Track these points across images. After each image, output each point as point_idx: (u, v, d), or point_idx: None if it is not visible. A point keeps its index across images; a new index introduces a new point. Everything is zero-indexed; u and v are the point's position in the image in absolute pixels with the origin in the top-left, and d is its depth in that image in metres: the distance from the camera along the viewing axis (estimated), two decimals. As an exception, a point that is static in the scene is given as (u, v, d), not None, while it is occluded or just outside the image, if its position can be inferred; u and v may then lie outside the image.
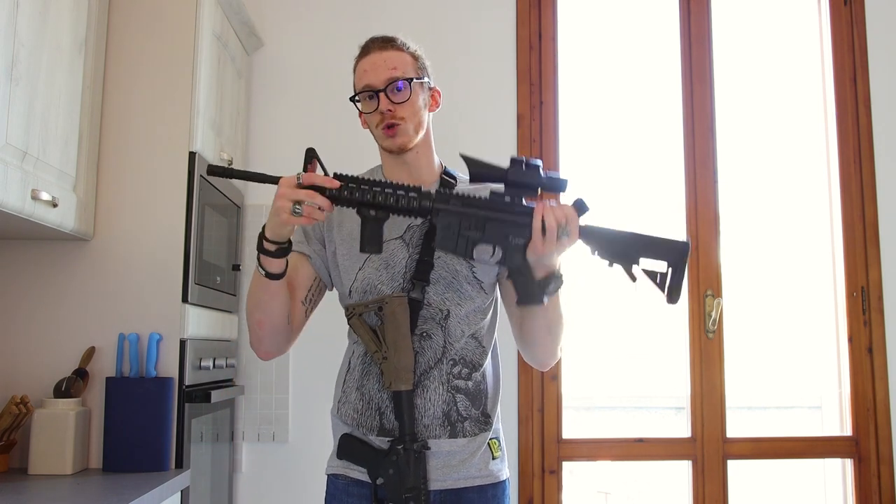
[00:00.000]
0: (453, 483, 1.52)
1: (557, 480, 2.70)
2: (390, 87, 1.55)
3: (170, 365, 2.05)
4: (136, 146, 2.12)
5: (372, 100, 1.56)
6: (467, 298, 1.56)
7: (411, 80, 1.57)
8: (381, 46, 1.59)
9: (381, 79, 1.55)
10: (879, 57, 2.89)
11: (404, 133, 1.56)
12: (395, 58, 1.58)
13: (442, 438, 1.51)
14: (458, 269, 1.55)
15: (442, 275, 1.55)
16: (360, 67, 1.59)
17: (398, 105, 1.55)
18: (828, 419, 2.98)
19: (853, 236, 2.84)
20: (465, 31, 2.86)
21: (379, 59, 1.57)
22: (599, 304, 2.95)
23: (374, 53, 1.58)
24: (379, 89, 1.55)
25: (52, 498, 1.69)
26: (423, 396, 1.52)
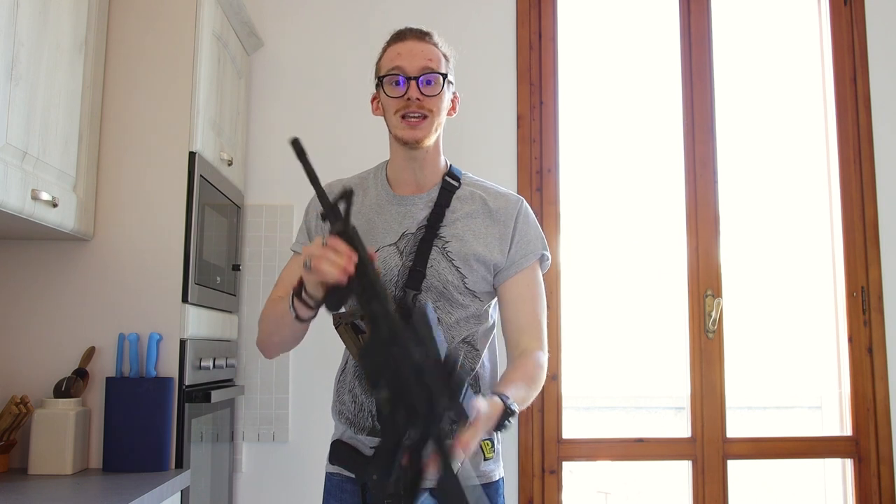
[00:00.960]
0: None
1: (557, 480, 2.70)
2: (423, 77, 1.51)
3: (170, 365, 2.05)
4: (136, 146, 2.12)
5: (399, 86, 1.52)
6: (459, 307, 1.54)
7: (445, 77, 1.54)
8: (418, 36, 1.56)
9: (416, 66, 1.52)
10: (879, 57, 2.89)
11: (426, 127, 1.53)
12: (431, 51, 1.55)
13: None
14: (449, 279, 1.53)
15: (433, 283, 1.53)
16: (393, 50, 1.55)
17: (428, 98, 1.52)
18: (828, 419, 2.98)
19: (853, 236, 2.84)
20: (465, 30, 2.86)
21: (416, 48, 1.54)
22: (599, 304, 2.95)
23: (411, 41, 1.55)
24: (412, 76, 1.51)
25: (52, 498, 1.69)
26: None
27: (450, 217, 1.56)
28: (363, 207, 1.60)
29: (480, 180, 1.67)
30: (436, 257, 1.53)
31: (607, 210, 2.98)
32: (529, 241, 1.59)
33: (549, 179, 2.80)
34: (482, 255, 1.54)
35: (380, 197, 1.61)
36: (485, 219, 1.58)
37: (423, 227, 1.55)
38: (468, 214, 1.58)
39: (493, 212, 1.59)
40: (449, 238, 1.55)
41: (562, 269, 2.79)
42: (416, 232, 1.55)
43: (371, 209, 1.60)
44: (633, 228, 2.97)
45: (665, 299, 2.89)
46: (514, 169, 2.78)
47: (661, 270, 2.92)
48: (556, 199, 2.80)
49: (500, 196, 1.63)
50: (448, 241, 1.54)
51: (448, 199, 1.58)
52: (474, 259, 1.54)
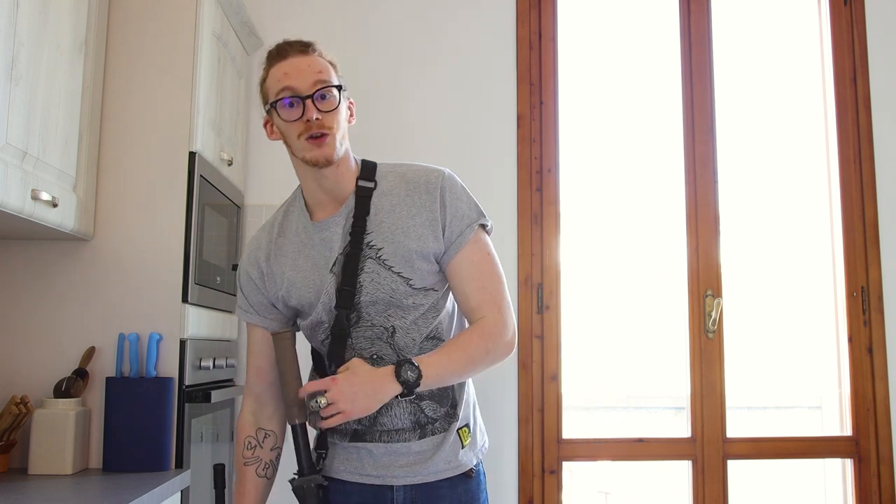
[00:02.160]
0: (424, 478, 1.51)
1: (557, 480, 2.70)
2: (317, 93, 1.43)
3: (170, 365, 2.05)
4: (136, 146, 2.12)
5: (293, 107, 1.43)
6: (412, 308, 1.49)
7: (340, 88, 1.46)
8: (301, 50, 1.47)
9: (307, 83, 1.43)
10: (879, 57, 2.89)
11: (331, 144, 1.45)
12: (319, 63, 1.46)
13: (412, 441, 1.50)
14: (395, 287, 1.48)
15: (378, 296, 1.47)
16: (279, 70, 1.45)
17: (326, 114, 1.44)
18: (828, 419, 2.98)
19: (853, 236, 2.84)
20: (464, 30, 2.86)
21: (302, 63, 1.45)
22: (599, 304, 2.95)
23: (295, 57, 1.45)
24: (305, 95, 1.43)
25: (52, 498, 1.69)
26: (389, 414, 1.49)
27: (374, 221, 1.49)
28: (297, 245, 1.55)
29: (398, 164, 1.58)
30: (373, 269, 1.48)
31: (607, 210, 2.98)
32: (462, 216, 1.50)
33: (549, 179, 2.80)
34: (419, 249, 1.48)
35: (305, 230, 1.55)
36: (409, 207, 1.50)
37: (347, 245, 1.49)
38: (392, 209, 1.50)
39: (416, 194, 1.50)
40: (380, 244, 1.48)
41: (562, 269, 2.79)
42: (342, 252, 1.50)
43: (304, 244, 1.54)
44: (634, 228, 2.97)
45: (665, 299, 2.89)
46: (514, 169, 2.78)
47: (661, 270, 2.92)
48: (556, 199, 2.80)
49: (419, 174, 1.53)
50: (380, 249, 1.48)
51: (366, 205, 1.50)
52: (415, 256, 1.48)
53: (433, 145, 2.79)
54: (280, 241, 1.58)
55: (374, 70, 2.81)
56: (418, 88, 2.83)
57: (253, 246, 1.62)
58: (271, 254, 1.57)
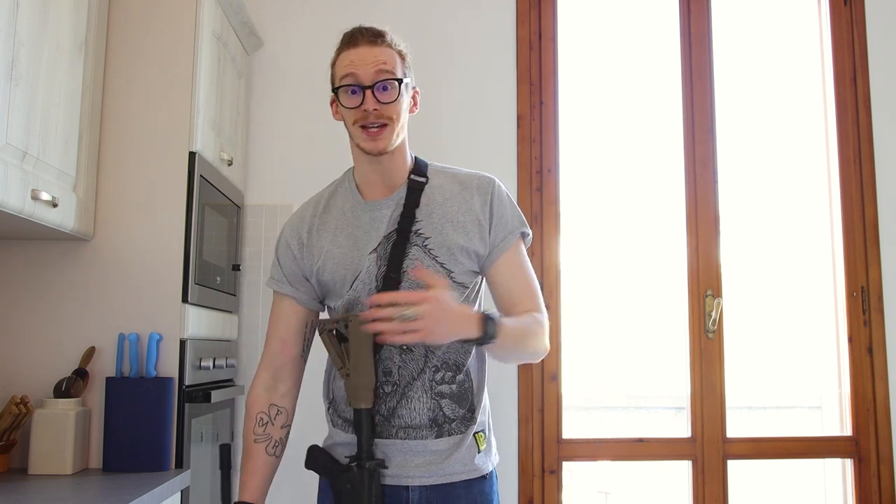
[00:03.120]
0: (439, 479, 1.51)
1: (557, 480, 2.70)
2: (378, 84, 1.48)
3: (170, 365, 2.05)
4: (136, 146, 2.12)
5: (355, 94, 1.48)
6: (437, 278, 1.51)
7: (401, 81, 1.50)
8: (370, 40, 1.51)
9: (370, 74, 1.48)
10: (879, 57, 2.89)
11: (387, 136, 1.49)
12: (385, 54, 1.50)
13: (429, 439, 1.51)
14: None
15: (420, 284, 1.47)
16: (346, 57, 1.51)
17: (385, 105, 1.48)
18: (828, 419, 2.98)
19: (853, 236, 2.84)
20: (464, 30, 2.86)
21: (368, 54, 1.49)
22: (599, 304, 2.95)
23: (364, 46, 1.50)
24: (367, 85, 1.47)
25: (52, 498, 1.69)
26: (408, 406, 1.50)
27: (424, 212, 1.53)
28: (341, 222, 1.58)
29: (449, 167, 1.64)
30: (418, 256, 1.51)
31: (607, 210, 2.98)
32: (507, 222, 1.57)
33: (549, 179, 2.80)
34: (465, 245, 1.52)
35: (354, 208, 1.58)
36: (460, 204, 1.55)
37: (394, 231, 1.52)
38: (443, 203, 1.55)
39: (467, 195, 1.56)
40: (428, 234, 1.52)
41: (562, 269, 2.79)
42: (389, 235, 1.53)
43: (349, 222, 1.57)
44: (634, 228, 2.97)
45: (665, 299, 2.89)
46: (514, 169, 2.78)
47: (661, 270, 2.92)
48: (556, 199, 2.80)
49: (471, 178, 1.60)
50: (428, 238, 1.52)
51: (416, 198, 1.54)
52: (458, 251, 1.52)
53: (433, 145, 2.78)
54: (325, 216, 1.60)
55: (374, 70, 2.82)
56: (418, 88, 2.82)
57: (296, 218, 1.64)
58: (314, 227, 1.60)
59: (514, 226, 1.58)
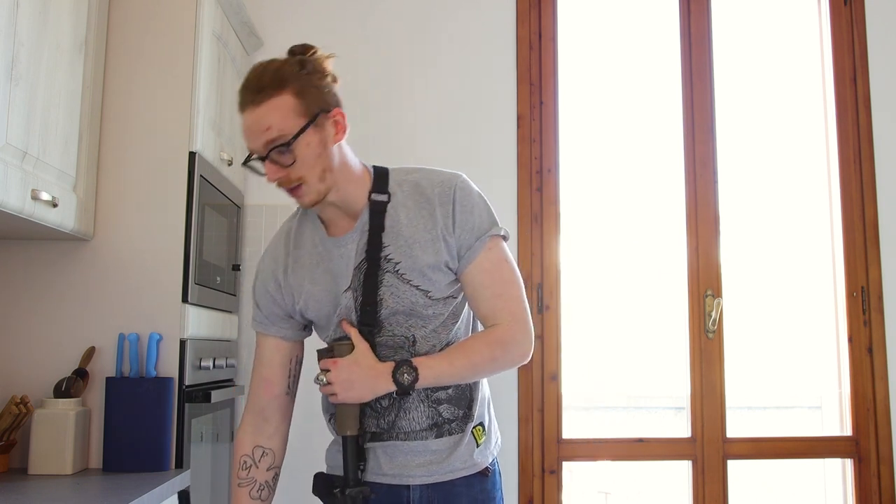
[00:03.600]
0: (440, 477, 1.51)
1: (557, 480, 2.70)
2: (271, 154, 1.38)
3: (170, 365, 2.05)
4: (136, 146, 2.12)
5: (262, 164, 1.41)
6: (432, 317, 1.49)
7: (290, 143, 1.37)
8: (251, 100, 1.39)
9: (260, 144, 1.39)
10: (879, 57, 2.89)
11: (309, 192, 1.42)
12: (269, 113, 1.38)
13: (429, 440, 1.50)
14: (414, 300, 1.47)
15: (398, 308, 1.47)
16: (242, 123, 1.43)
17: (288, 168, 1.39)
18: (828, 419, 2.98)
19: (853, 236, 2.84)
20: (464, 30, 2.86)
21: (253, 121, 1.39)
22: (599, 304, 2.95)
23: (248, 112, 1.40)
24: (263, 157, 1.39)
25: (52, 498, 1.69)
26: (407, 417, 1.49)
27: (390, 235, 1.47)
28: (315, 258, 1.53)
29: (412, 170, 1.54)
30: (392, 283, 1.46)
31: (607, 210, 2.98)
32: (473, 228, 1.48)
33: (549, 179, 2.80)
34: (435, 263, 1.46)
35: (322, 244, 1.52)
36: (425, 221, 1.47)
37: (363, 260, 1.47)
38: (407, 223, 1.47)
39: (430, 206, 1.48)
40: (398, 258, 1.46)
41: (562, 269, 2.79)
42: (360, 265, 1.48)
43: (321, 257, 1.52)
44: (634, 228, 2.97)
45: (665, 299, 2.89)
46: (514, 169, 2.78)
47: (661, 270, 2.92)
48: (556, 199, 2.80)
49: (433, 185, 1.50)
50: (398, 262, 1.46)
51: (380, 221, 1.47)
52: (431, 270, 1.46)
53: (433, 145, 2.79)
54: (297, 252, 1.55)
55: (374, 70, 2.81)
56: (418, 88, 2.83)
57: (270, 258, 1.59)
58: (289, 266, 1.55)
59: (481, 230, 1.48)
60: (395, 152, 2.77)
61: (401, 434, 1.50)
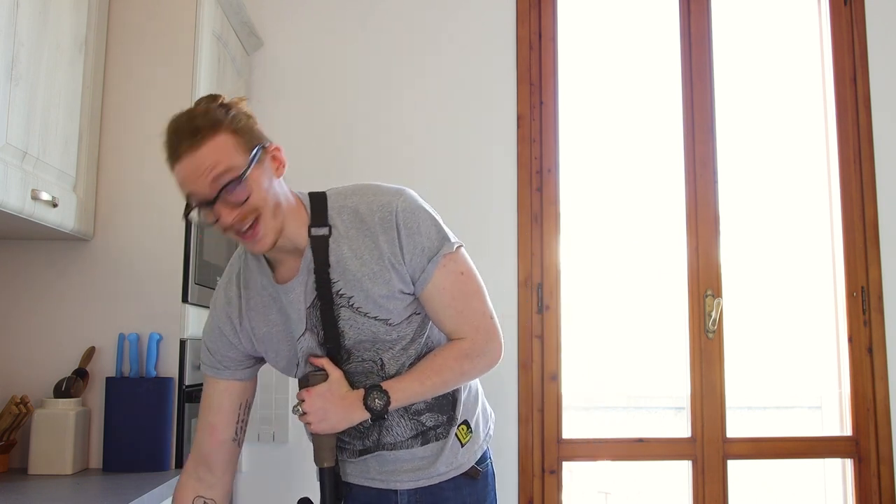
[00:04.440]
0: (427, 481, 1.51)
1: (557, 480, 2.70)
2: (221, 195, 1.29)
3: (170, 365, 2.05)
4: (136, 146, 2.12)
5: (208, 213, 1.32)
6: (398, 340, 1.45)
7: (244, 174, 1.30)
8: (189, 146, 1.30)
9: (206, 184, 1.29)
10: (879, 57, 2.89)
11: (266, 231, 1.34)
12: (212, 152, 1.29)
13: (415, 447, 1.51)
14: (375, 330, 1.43)
15: (360, 339, 1.44)
16: (177, 174, 1.32)
17: (242, 206, 1.31)
18: (828, 419, 2.98)
19: (853, 236, 2.84)
20: (464, 30, 2.86)
21: (194, 165, 1.29)
22: (599, 304, 2.95)
23: (186, 158, 1.29)
24: (210, 201, 1.30)
25: (52, 498, 1.69)
26: (391, 433, 1.49)
27: (337, 270, 1.41)
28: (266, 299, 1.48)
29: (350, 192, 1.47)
30: (349, 316, 1.43)
31: (607, 210, 2.98)
32: (423, 249, 1.42)
33: (549, 179, 2.80)
34: (388, 293, 1.42)
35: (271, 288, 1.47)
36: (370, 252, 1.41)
37: (315, 298, 1.42)
38: (353, 255, 1.41)
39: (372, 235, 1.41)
40: (350, 293, 1.41)
41: (562, 269, 2.79)
42: (313, 304, 1.43)
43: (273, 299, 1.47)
44: (634, 228, 2.97)
45: (665, 299, 2.89)
46: (514, 169, 2.78)
47: (661, 270, 2.92)
48: (556, 199, 2.80)
49: (372, 211, 1.42)
50: (351, 297, 1.42)
51: (325, 258, 1.41)
52: (385, 300, 1.42)
53: (433, 145, 2.79)
54: (247, 293, 1.49)
55: (374, 70, 2.81)
56: (418, 88, 2.83)
57: (223, 299, 1.52)
58: (242, 309, 1.49)
59: (431, 250, 1.42)
60: (394, 152, 2.78)
61: (388, 446, 1.50)
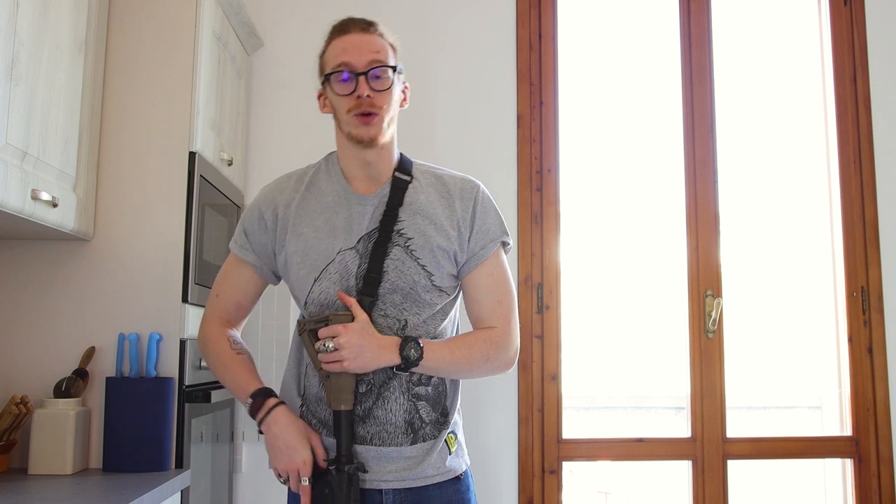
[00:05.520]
0: (413, 482, 1.50)
1: (557, 480, 2.70)
2: (372, 72, 1.45)
3: (170, 365, 2.05)
4: (136, 146, 2.12)
5: (348, 82, 1.46)
6: (426, 305, 1.50)
7: (394, 69, 1.48)
8: (362, 28, 1.49)
9: (363, 61, 1.45)
10: (879, 57, 2.89)
11: (378, 124, 1.46)
12: (378, 43, 1.48)
13: (404, 446, 1.50)
14: (416, 279, 1.48)
15: (399, 285, 1.48)
16: (337, 45, 1.48)
17: (378, 93, 1.46)
18: (828, 419, 2.98)
19: (853, 236, 2.84)
20: (465, 30, 2.86)
21: (361, 41, 1.47)
22: (599, 304, 2.95)
23: (355, 34, 1.48)
24: (360, 72, 1.45)
25: (52, 498, 1.69)
26: (385, 407, 1.49)
27: (407, 212, 1.51)
28: (322, 206, 1.54)
29: (434, 167, 1.61)
30: (399, 257, 1.48)
31: (607, 210, 2.98)
32: (488, 230, 1.54)
33: (549, 179, 2.80)
34: (446, 247, 1.50)
35: (338, 195, 1.54)
36: (443, 208, 1.53)
37: (376, 229, 1.50)
38: (426, 206, 1.52)
39: (450, 198, 1.54)
40: (411, 234, 1.50)
41: (562, 269, 2.79)
42: (371, 233, 1.50)
43: (330, 209, 1.53)
44: (634, 228, 2.97)
45: (665, 299, 2.89)
46: (514, 169, 2.78)
47: (661, 270, 2.93)
48: (556, 199, 2.80)
49: (455, 181, 1.57)
50: (410, 238, 1.49)
51: (400, 197, 1.52)
52: (440, 252, 1.49)
53: (433, 145, 2.79)
54: (307, 194, 1.56)
55: (374, 70, 2.81)
56: (418, 88, 2.82)
57: (275, 188, 1.59)
58: (293, 203, 1.55)
59: (494, 234, 1.55)
60: (395, 152, 2.77)
61: (375, 436, 1.49)
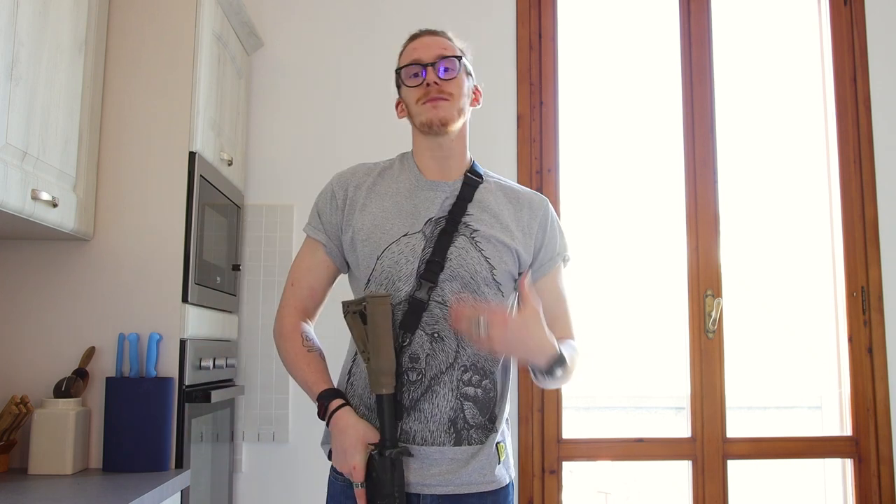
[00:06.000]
0: (455, 488, 1.48)
1: (557, 480, 2.70)
2: (439, 64, 1.56)
3: (170, 365, 2.05)
4: (136, 146, 2.12)
5: (416, 75, 1.57)
6: (482, 297, 1.52)
7: (461, 59, 1.59)
8: (432, 33, 1.63)
9: (432, 54, 1.57)
10: (879, 57, 2.89)
11: (447, 108, 1.55)
12: (445, 42, 1.61)
13: (446, 446, 1.48)
14: (478, 269, 1.52)
15: (459, 273, 1.51)
16: (410, 47, 1.61)
17: (445, 81, 1.55)
18: (828, 419, 2.98)
19: (853, 236, 2.84)
20: (465, 30, 2.83)
21: (430, 40, 1.60)
22: (599, 304, 2.95)
23: (426, 37, 1.62)
24: (428, 63, 1.55)
25: (52, 498, 1.69)
26: (432, 402, 1.48)
27: (475, 208, 1.57)
28: (393, 191, 1.60)
29: (504, 179, 1.69)
30: (464, 246, 1.53)
31: (607, 210, 2.98)
32: (556, 244, 1.64)
33: (549, 179, 2.80)
34: (511, 245, 1.56)
35: (410, 182, 1.61)
36: (511, 213, 1.60)
37: (444, 217, 1.55)
38: (494, 206, 1.59)
39: (519, 205, 1.62)
40: (477, 226, 1.55)
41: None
42: (439, 221, 1.55)
43: (400, 193, 1.59)
44: (634, 228, 2.97)
45: (665, 299, 2.89)
46: (515, 169, 2.78)
47: (661, 270, 2.93)
48: (556, 199, 2.79)
49: (524, 193, 1.67)
50: (476, 230, 1.55)
51: (471, 193, 1.59)
52: (503, 248, 1.55)
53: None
54: (378, 180, 1.62)
55: (375, 70, 2.81)
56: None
57: (349, 172, 1.66)
58: (364, 185, 1.61)
59: (561, 249, 1.66)
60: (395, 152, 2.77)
61: (418, 434, 1.47)
